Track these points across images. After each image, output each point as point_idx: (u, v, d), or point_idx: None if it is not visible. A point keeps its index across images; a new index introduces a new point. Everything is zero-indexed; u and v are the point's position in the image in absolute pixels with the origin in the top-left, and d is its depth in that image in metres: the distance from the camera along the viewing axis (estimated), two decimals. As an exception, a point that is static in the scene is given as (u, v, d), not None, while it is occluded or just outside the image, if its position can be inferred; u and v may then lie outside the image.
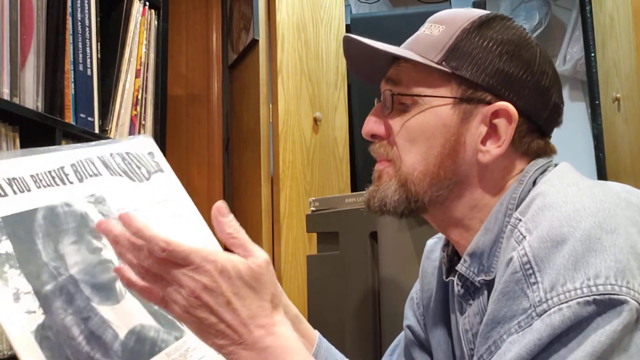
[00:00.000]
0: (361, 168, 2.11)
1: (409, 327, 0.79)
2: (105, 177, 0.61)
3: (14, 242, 0.50)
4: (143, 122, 1.32)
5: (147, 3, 1.33)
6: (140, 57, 1.30)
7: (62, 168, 0.58)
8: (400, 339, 0.83)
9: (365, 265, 1.15)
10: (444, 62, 0.61)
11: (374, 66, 0.68)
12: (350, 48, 0.67)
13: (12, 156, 0.55)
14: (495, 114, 0.60)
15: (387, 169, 0.64)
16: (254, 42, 1.89)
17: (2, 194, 0.52)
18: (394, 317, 1.12)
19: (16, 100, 0.92)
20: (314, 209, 1.35)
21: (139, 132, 1.30)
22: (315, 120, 1.90)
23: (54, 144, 0.98)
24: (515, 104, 0.60)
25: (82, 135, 1.08)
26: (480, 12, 0.64)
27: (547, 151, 0.64)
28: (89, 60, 1.12)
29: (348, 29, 2.06)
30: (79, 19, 1.09)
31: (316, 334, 0.75)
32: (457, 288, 0.63)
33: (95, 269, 0.55)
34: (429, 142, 0.61)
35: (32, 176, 0.55)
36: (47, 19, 1.00)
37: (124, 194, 0.62)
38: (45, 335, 0.49)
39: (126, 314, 0.55)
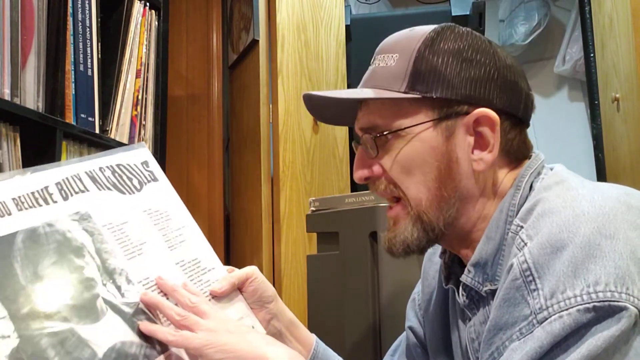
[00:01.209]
0: (361, 168, 2.11)
1: (410, 328, 0.80)
2: (92, 192, 0.61)
3: None
4: (143, 123, 1.32)
5: (148, 4, 1.33)
6: (141, 58, 1.30)
7: (46, 188, 0.58)
8: (402, 339, 0.83)
9: (365, 265, 1.15)
10: (411, 89, 0.61)
11: (342, 111, 0.68)
12: (312, 102, 0.67)
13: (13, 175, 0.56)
14: (477, 122, 0.61)
15: (400, 213, 0.64)
16: (254, 43, 1.89)
17: None
18: (394, 317, 1.12)
19: (17, 101, 0.92)
20: (314, 209, 1.35)
21: (140, 133, 1.30)
22: (315, 120, 1.90)
23: (54, 144, 0.99)
24: (492, 104, 0.61)
25: (82, 135, 1.08)
26: (425, 30, 0.64)
27: (528, 145, 0.65)
28: (89, 61, 1.12)
29: (348, 29, 2.06)
30: (80, 19, 1.10)
31: (313, 338, 0.75)
32: (461, 299, 0.63)
33: (76, 287, 0.55)
34: (423, 169, 0.61)
35: (13, 199, 0.55)
36: (47, 20, 1.00)
37: (111, 208, 0.62)
38: (19, 358, 0.49)
39: (107, 332, 0.54)
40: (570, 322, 0.47)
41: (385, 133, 0.62)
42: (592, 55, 2.24)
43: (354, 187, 2.01)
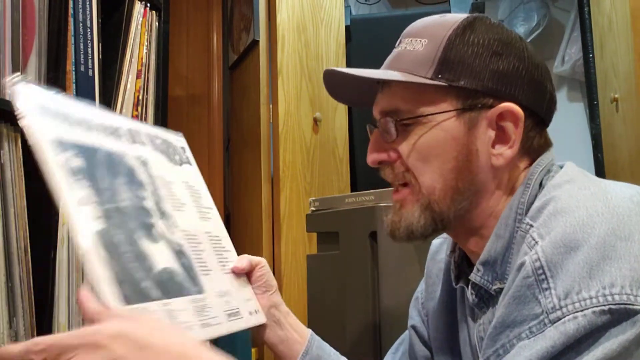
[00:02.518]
0: (361, 168, 2.11)
1: (413, 327, 0.79)
2: (149, 148, 0.65)
3: (84, 164, 0.54)
4: (144, 123, 1.32)
5: (148, 4, 1.33)
6: (141, 58, 1.31)
7: (118, 129, 0.63)
8: (404, 338, 0.83)
9: (365, 265, 1.16)
10: (438, 76, 0.60)
11: (360, 92, 0.67)
12: (331, 80, 0.66)
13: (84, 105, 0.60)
14: (501, 116, 0.60)
15: (407, 197, 0.63)
16: (254, 43, 1.89)
17: (74, 125, 0.55)
18: (394, 316, 1.13)
19: (18, 101, 0.92)
20: (314, 209, 1.35)
21: (140, 133, 1.31)
22: (315, 120, 1.91)
23: (55, 144, 0.99)
24: (517, 100, 0.60)
25: (83, 135, 1.08)
26: (457, 18, 0.63)
27: (548, 143, 0.64)
28: (90, 61, 1.13)
29: (348, 29, 2.06)
30: (81, 20, 1.10)
31: (309, 330, 0.75)
32: (471, 297, 0.62)
33: (138, 211, 0.59)
34: (441, 158, 0.60)
35: (97, 124, 0.59)
36: (48, 20, 1.00)
37: (162, 166, 0.66)
38: (104, 238, 0.53)
39: (161, 254, 0.58)
40: (585, 324, 0.47)
41: (406, 118, 0.61)
42: (591, 55, 2.25)
43: (354, 187, 2.01)
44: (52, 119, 0.53)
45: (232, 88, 2.15)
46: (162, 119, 1.39)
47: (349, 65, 2.05)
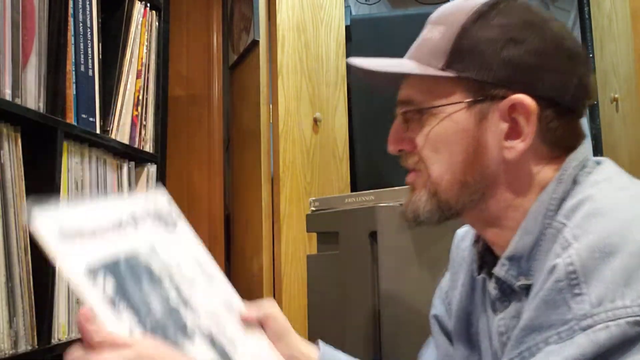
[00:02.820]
0: (361, 168, 2.11)
1: (435, 316, 0.78)
2: (149, 222, 0.66)
3: (115, 283, 0.55)
4: (144, 123, 1.32)
5: (148, 4, 1.33)
6: (141, 58, 1.31)
7: (124, 220, 0.63)
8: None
9: (365, 265, 1.16)
10: (449, 67, 0.59)
11: (388, 80, 0.67)
12: (357, 71, 0.66)
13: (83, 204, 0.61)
14: (512, 108, 0.57)
15: (417, 180, 0.63)
16: (254, 43, 1.89)
17: (95, 237, 0.57)
18: (394, 317, 1.12)
19: (18, 101, 0.92)
20: (314, 209, 1.35)
21: (140, 133, 1.31)
22: (315, 120, 1.91)
23: (55, 145, 0.99)
24: (532, 91, 0.57)
25: (83, 135, 1.08)
26: (477, 2, 0.60)
27: (578, 134, 0.61)
28: (90, 61, 1.13)
29: (348, 29, 2.06)
30: (81, 20, 1.10)
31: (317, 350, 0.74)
32: (493, 291, 0.61)
33: (171, 312, 0.60)
34: (451, 151, 0.60)
35: (113, 224, 0.60)
36: (48, 20, 1.00)
37: (166, 242, 0.66)
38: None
39: (201, 350, 0.59)
40: (617, 334, 0.45)
41: (419, 109, 0.61)
42: (591, 55, 2.25)
43: (354, 187, 2.01)
44: (74, 242, 0.54)
45: (232, 88, 2.15)
46: (162, 119, 1.39)
47: (349, 65, 2.05)
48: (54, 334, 0.97)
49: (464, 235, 0.75)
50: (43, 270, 0.95)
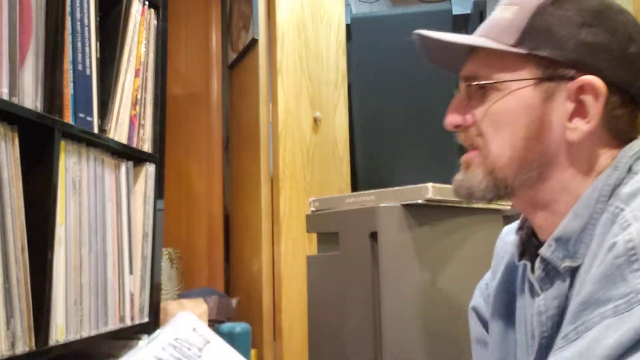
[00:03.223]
0: (361, 168, 2.11)
1: (473, 308, 0.80)
2: None
3: None
4: (142, 122, 1.32)
5: (147, 2, 1.33)
6: (140, 57, 1.30)
7: None
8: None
9: (365, 265, 1.15)
10: (520, 44, 0.60)
11: (452, 56, 0.67)
12: (423, 43, 0.67)
13: None
14: (581, 89, 0.58)
15: (475, 159, 0.64)
16: (254, 42, 1.88)
17: None
18: (394, 317, 1.12)
19: (15, 100, 0.91)
20: (314, 209, 1.34)
21: (139, 132, 1.30)
22: (315, 120, 1.90)
23: (53, 144, 0.98)
24: (602, 75, 0.58)
25: (81, 135, 1.07)
26: None
27: (636, 128, 0.62)
28: (88, 60, 1.12)
29: (348, 28, 2.05)
30: (78, 18, 1.09)
31: None
32: (537, 271, 0.62)
33: None
34: (513, 127, 0.60)
35: None
36: (46, 19, 0.99)
37: None
38: None
39: None
40: None
41: (482, 83, 0.62)
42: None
43: (354, 187, 2.01)
44: None
45: (231, 87, 2.15)
46: (160, 118, 1.38)
47: (349, 63, 2.04)
48: (51, 336, 0.96)
49: (509, 231, 0.77)
50: (40, 271, 0.94)
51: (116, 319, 1.16)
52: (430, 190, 1.11)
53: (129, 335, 1.24)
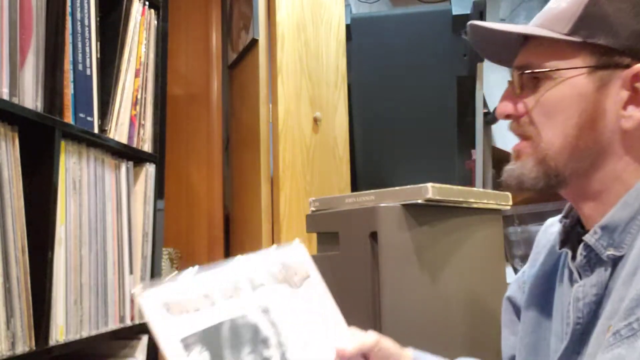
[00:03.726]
0: (361, 168, 2.11)
1: (508, 298, 0.80)
2: (269, 286, 0.66)
3: (211, 354, 0.56)
4: (142, 122, 1.32)
5: (147, 3, 1.33)
6: (140, 57, 1.30)
7: (238, 281, 0.64)
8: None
9: (365, 265, 1.15)
10: (574, 32, 0.60)
11: (505, 49, 0.67)
12: (476, 34, 0.67)
13: (201, 271, 0.62)
14: (636, 77, 0.59)
15: (525, 149, 0.64)
16: (254, 42, 1.88)
17: (199, 308, 0.58)
18: (394, 317, 1.12)
19: (15, 100, 0.91)
20: (314, 209, 1.34)
21: (139, 132, 1.30)
22: (315, 120, 1.90)
23: (53, 144, 0.98)
24: None
25: (81, 135, 1.07)
26: None
27: None
28: (88, 60, 1.12)
29: (348, 28, 2.05)
30: (79, 18, 1.09)
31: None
32: (579, 257, 0.62)
33: None
34: (565, 115, 0.60)
35: (220, 290, 0.61)
36: (46, 19, 0.99)
37: (284, 301, 0.66)
38: None
39: None
40: None
41: (535, 71, 0.62)
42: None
43: (354, 187, 2.01)
44: (177, 315, 0.56)
45: (232, 87, 2.15)
46: (160, 118, 1.38)
47: (349, 63, 2.04)
48: (51, 336, 0.96)
49: (553, 222, 0.77)
50: (41, 271, 0.94)
51: (116, 319, 1.16)
52: (430, 190, 1.11)
53: (129, 335, 1.24)
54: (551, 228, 0.76)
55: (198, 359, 0.55)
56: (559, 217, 0.75)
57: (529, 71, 0.62)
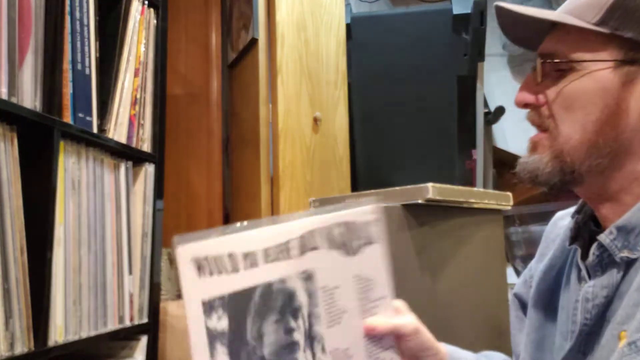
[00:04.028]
0: (361, 168, 2.10)
1: (515, 294, 0.78)
2: (322, 250, 0.61)
3: (230, 320, 0.53)
4: (142, 122, 1.31)
5: (146, 2, 1.32)
6: (139, 56, 1.30)
7: (289, 242, 0.58)
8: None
9: (365, 265, 1.15)
10: (603, 23, 0.57)
11: (532, 33, 0.65)
12: (503, 16, 0.65)
13: (249, 228, 0.56)
14: None
15: (542, 141, 0.61)
16: (254, 41, 1.88)
17: (235, 269, 0.53)
18: (395, 318, 1.12)
19: (14, 100, 0.91)
20: (314, 208, 1.34)
21: (138, 132, 1.30)
22: (315, 120, 1.89)
23: (52, 144, 0.98)
24: None
25: (80, 134, 1.07)
26: None
27: None
28: (87, 60, 1.12)
29: (348, 28, 2.05)
30: (78, 17, 1.09)
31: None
32: (591, 257, 0.60)
33: (284, 350, 0.56)
34: (586, 109, 0.58)
35: (264, 250, 0.56)
36: (45, 18, 0.99)
37: (331, 269, 0.61)
38: None
39: None
40: None
41: (559, 61, 0.59)
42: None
43: (354, 187, 2.00)
44: (208, 275, 0.52)
45: (231, 87, 2.14)
46: (160, 118, 1.38)
47: (349, 63, 2.04)
48: (50, 336, 0.96)
49: (563, 216, 0.75)
50: (39, 272, 0.94)
51: (115, 320, 1.16)
52: (431, 190, 1.11)
53: (128, 335, 1.24)
54: (561, 222, 0.74)
55: (215, 324, 0.52)
56: (569, 210, 0.73)
57: (555, 60, 0.60)
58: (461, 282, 1.23)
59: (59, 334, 0.99)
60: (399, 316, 0.63)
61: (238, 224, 0.55)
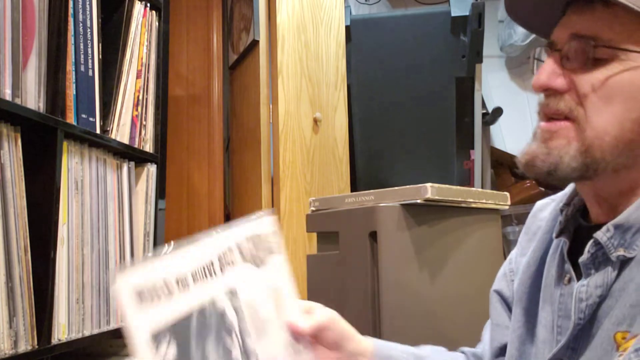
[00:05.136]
0: (361, 168, 2.11)
1: (495, 291, 0.75)
2: (238, 265, 0.63)
3: (178, 347, 0.54)
4: (144, 123, 1.32)
5: (148, 4, 1.33)
6: (142, 58, 1.31)
7: (211, 261, 0.60)
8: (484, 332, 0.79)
9: (365, 265, 1.16)
10: None
11: (542, 13, 0.60)
12: None
13: (177, 249, 0.58)
14: None
15: (564, 131, 0.55)
16: (254, 43, 1.89)
17: (171, 293, 0.55)
18: (394, 317, 1.13)
19: (18, 101, 0.92)
20: (314, 208, 1.35)
21: (140, 133, 1.31)
22: (315, 120, 1.91)
23: (55, 145, 0.99)
24: None
25: (83, 135, 1.08)
26: None
27: None
28: (90, 61, 1.13)
29: (348, 30, 2.06)
30: (81, 20, 1.10)
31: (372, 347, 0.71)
32: (585, 255, 0.57)
33: None
34: (628, 105, 0.52)
35: (192, 272, 0.57)
36: (48, 20, 1.00)
37: (249, 283, 0.63)
38: None
39: None
40: None
41: (606, 47, 0.53)
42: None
43: (354, 187, 2.01)
44: (147, 304, 0.53)
45: (232, 88, 2.15)
46: (162, 119, 1.39)
47: (349, 65, 2.05)
48: (54, 334, 0.97)
49: (543, 206, 0.72)
50: (43, 270, 0.95)
51: (118, 318, 1.17)
52: (429, 190, 1.12)
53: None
54: (541, 213, 0.71)
55: (165, 353, 0.53)
56: (548, 200, 0.71)
57: (598, 46, 0.53)
58: (459, 281, 1.24)
59: (62, 332, 1.00)
60: (314, 312, 0.65)
61: (165, 248, 0.57)
